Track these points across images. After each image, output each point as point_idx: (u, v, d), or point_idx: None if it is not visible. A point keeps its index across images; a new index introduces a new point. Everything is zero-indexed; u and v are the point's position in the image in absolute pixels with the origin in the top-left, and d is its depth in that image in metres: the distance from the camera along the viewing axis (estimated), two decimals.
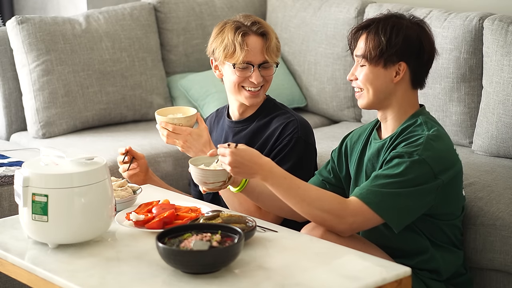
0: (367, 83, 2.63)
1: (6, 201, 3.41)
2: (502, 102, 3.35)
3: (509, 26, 3.38)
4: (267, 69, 2.97)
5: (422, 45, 2.62)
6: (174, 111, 2.97)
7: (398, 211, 2.51)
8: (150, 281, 2.21)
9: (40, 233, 2.40)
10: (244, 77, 2.94)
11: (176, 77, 4.38)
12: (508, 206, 2.95)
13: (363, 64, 2.64)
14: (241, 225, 2.42)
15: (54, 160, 2.45)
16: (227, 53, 2.94)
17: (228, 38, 2.93)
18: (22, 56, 3.99)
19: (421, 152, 2.51)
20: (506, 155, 3.40)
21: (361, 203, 2.49)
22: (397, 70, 2.62)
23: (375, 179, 2.52)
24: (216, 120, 3.18)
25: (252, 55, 2.93)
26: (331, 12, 4.20)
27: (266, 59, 2.94)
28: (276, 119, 3.00)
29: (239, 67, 2.93)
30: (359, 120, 4.20)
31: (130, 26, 4.25)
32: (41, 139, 4.00)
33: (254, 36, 2.94)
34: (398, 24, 2.62)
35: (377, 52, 2.60)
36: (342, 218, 2.49)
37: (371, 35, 2.62)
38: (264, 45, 2.94)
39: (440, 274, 2.65)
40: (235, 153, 2.48)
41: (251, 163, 2.49)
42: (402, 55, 2.60)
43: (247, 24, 2.95)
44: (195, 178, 2.58)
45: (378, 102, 2.65)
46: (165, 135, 2.92)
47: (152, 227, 2.50)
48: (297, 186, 2.51)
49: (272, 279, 2.20)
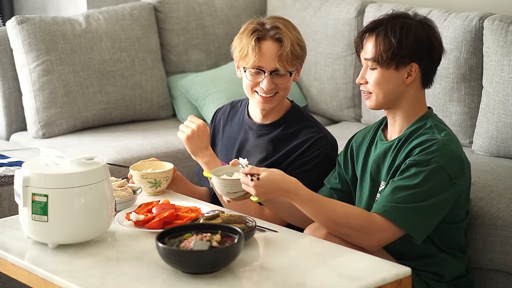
0: (379, 86, 2.60)
1: (6, 201, 3.41)
2: (502, 102, 3.35)
3: (509, 26, 3.37)
4: (281, 76, 2.85)
5: (432, 44, 2.60)
6: (149, 166, 2.91)
7: (422, 224, 2.52)
8: (150, 281, 2.21)
9: (40, 233, 2.40)
10: (256, 82, 2.85)
11: (176, 77, 4.38)
12: (508, 206, 2.94)
13: (374, 68, 2.60)
14: (241, 225, 2.42)
15: (54, 160, 2.45)
16: (241, 55, 2.85)
17: (244, 40, 2.85)
18: (22, 56, 3.99)
19: (438, 159, 2.50)
20: (506, 155, 3.40)
21: (386, 220, 2.49)
22: (409, 71, 2.59)
23: (395, 192, 2.51)
24: (231, 114, 3.09)
25: (264, 61, 2.82)
26: (331, 12, 4.19)
27: (278, 67, 2.82)
28: (304, 131, 2.91)
29: (250, 71, 2.85)
30: (359, 120, 4.20)
31: (130, 26, 4.25)
32: (41, 139, 4.00)
33: (269, 41, 2.83)
34: (406, 25, 2.59)
35: (389, 55, 2.56)
36: (370, 235, 2.49)
37: (380, 37, 2.58)
38: (278, 51, 2.82)
39: (443, 277, 2.65)
40: (259, 186, 2.46)
41: (276, 190, 2.48)
42: (413, 56, 2.57)
43: (267, 27, 2.84)
44: (218, 188, 2.56)
45: (388, 103, 2.62)
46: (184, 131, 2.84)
47: (152, 227, 2.50)
48: (323, 206, 2.50)
49: (272, 279, 2.20)
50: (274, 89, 2.85)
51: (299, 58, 2.86)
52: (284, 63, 2.82)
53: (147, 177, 2.82)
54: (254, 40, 2.82)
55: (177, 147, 3.86)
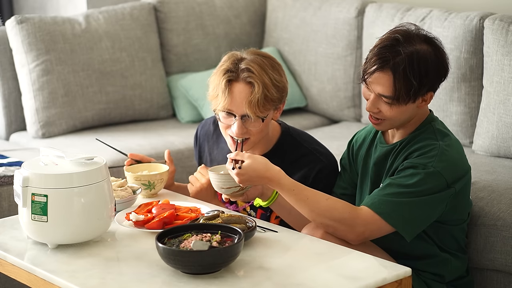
0: (395, 118, 2.54)
1: (6, 201, 3.40)
2: (503, 101, 3.35)
3: (509, 26, 3.37)
4: (253, 121, 2.65)
5: (446, 71, 2.55)
6: (144, 168, 2.90)
7: (410, 220, 2.50)
8: (150, 281, 2.21)
9: (40, 233, 2.40)
10: (228, 125, 2.68)
11: (176, 77, 4.38)
12: (509, 206, 2.94)
13: (390, 103, 2.51)
14: (241, 225, 2.42)
15: (53, 160, 2.45)
16: (213, 95, 2.69)
17: (216, 80, 2.67)
18: (22, 56, 3.99)
19: (436, 164, 2.48)
20: (506, 155, 3.40)
21: (372, 212, 2.48)
22: (424, 97, 2.54)
23: (387, 188, 2.51)
24: (215, 136, 2.94)
25: (234, 105, 2.64)
26: (331, 12, 4.19)
27: (247, 112, 2.63)
28: (303, 160, 2.75)
29: (221, 113, 2.68)
30: (359, 120, 4.19)
31: (130, 26, 4.24)
32: (41, 139, 4.00)
33: (241, 83, 2.64)
34: (423, 58, 2.48)
35: (410, 94, 2.48)
36: (353, 227, 2.48)
37: (399, 77, 2.46)
38: (248, 97, 2.62)
39: (443, 277, 2.65)
40: (241, 173, 2.49)
41: (258, 178, 2.51)
42: (431, 87, 2.53)
43: (242, 67, 2.64)
44: (214, 184, 2.60)
45: (399, 125, 2.60)
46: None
47: (152, 227, 2.49)
48: (306, 197, 2.50)
49: (272, 279, 2.20)
50: (245, 133, 2.68)
51: (275, 101, 2.67)
52: (254, 109, 2.62)
53: (141, 179, 2.82)
54: (225, 82, 2.64)
55: (177, 147, 3.86)
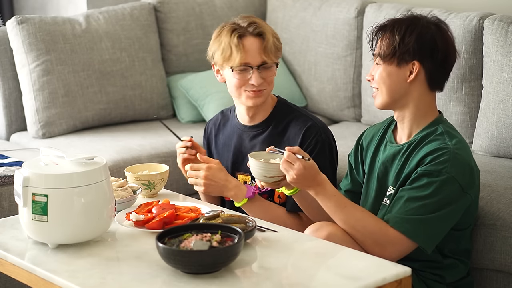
0: (381, 81, 2.62)
1: (6, 201, 3.41)
2: (502, 102, 3.35)
3: (509, 26, 3.37)
4: (268, 70, 2.88)
5: (435, 45, 2.59)
6: (144, 168, 2.91)
7: (433, 235, 2.53)
8: (150, 281, 2.21)
9: (40, 233, 2.40)
10: (244, 79, 2.86)
11: (176, 77, 4.38)
12: (508, 206, 2.94)
13: (379, 63, 2.63)
14: (241, 225, 2.42)
15: (54, 160, 2.45)
16: (224, 56, 2.86)
17: (224, 41, 2.86)
18: (22, 56, 3.99)
19: (450, 169, 2.50)
20: (506, 155, 3.40)
21: (397, 232, 2.50)
22: (411, 70, 2.60)
23: (406, 203, 2.52)
24: (222, 123, 3.10)
25: (249, 57, 2.85)
26: (331, 12, 4.19)
27: (265, 59, 2.86)
28: (292, 123, 2.93)
29: (237, 70, 2.86)
30: (359, 120, 4.20)
31: (130, 26, 4.24)
32: (41, 139, 4.00)
33: (250, 37, 2.86)
34: (413, 24, 2.61)
35: (390, 51, 2.59)
36: (382, 246, 2.51)
37: (387, 34, 2.62)
38: (262, 45, 2.86)
39: (444, 278, 2.66)
40: (305, 167, 2.50)
41: (311, 179, 2.52)
42: (415, 54, 2.59)
43: (244, 25, 2.87)
44: (255, 171, 2.60)
45: (393, 102, 2.63)
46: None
47: (152, 227, 2.50)
48: (344, 205, 2.53)
49: (272, 279, 2.20)
50: (262, 83, 2.87)
51: (279, 50, 2.91)
52: (270, 55, 2.86)
53: (141, 179, 2.82)
54: (236, 38, 2.85)
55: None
